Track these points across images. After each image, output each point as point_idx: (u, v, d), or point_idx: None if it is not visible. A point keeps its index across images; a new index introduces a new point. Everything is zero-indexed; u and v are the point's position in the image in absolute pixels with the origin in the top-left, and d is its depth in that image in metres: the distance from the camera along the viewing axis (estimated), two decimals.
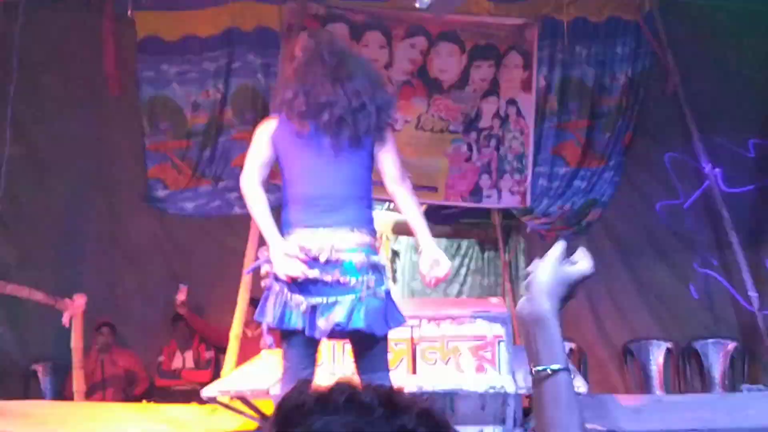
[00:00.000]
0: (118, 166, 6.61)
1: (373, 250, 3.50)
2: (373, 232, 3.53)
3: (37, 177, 6.44)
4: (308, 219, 3.40)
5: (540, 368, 1.36)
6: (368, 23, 6.46)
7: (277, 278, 3.43)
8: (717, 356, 6.40)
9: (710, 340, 6.46)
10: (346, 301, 3.36)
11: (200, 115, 6.48)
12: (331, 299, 3.37)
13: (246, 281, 5.68)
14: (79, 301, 5.63)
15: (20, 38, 5.75)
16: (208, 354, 6.62)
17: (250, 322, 6.16)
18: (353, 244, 3.40)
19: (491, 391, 4.28)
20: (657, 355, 6.53)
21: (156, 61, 6.38)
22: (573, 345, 6.55)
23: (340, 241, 3.39)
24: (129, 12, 5.31)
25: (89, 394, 6.00)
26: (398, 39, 6.47)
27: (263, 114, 5.34)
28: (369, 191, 3.58)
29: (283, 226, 3.48)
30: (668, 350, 6.53)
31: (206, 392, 4.51)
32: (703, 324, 6.52)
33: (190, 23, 6.37)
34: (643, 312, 6.58)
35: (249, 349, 5.82)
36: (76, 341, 5.67)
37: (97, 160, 6.56)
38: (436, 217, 8.17)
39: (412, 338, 4.54)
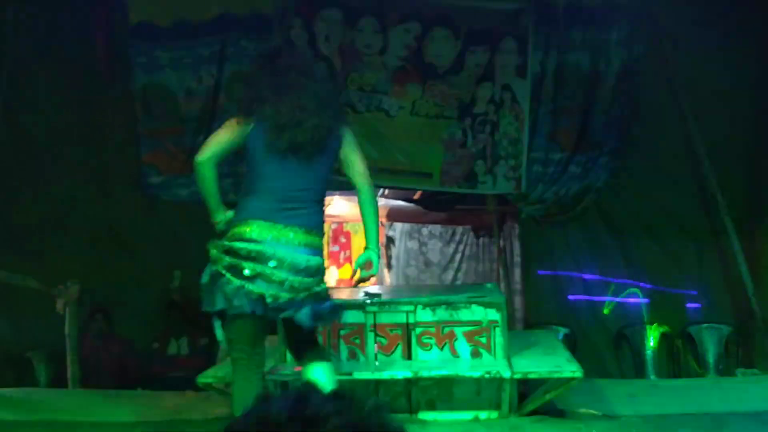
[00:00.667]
0: (112, 152, 6.57)
1: (321, 252, 3.69)
2: (322, 235, 3.71)
3: (30, 163, 6.40)
4: (269, 213, 3.55)
5: None
6: (363, 8, 6.43)
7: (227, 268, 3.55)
8: (711, 341, 6.40)
9: (704, 325, 6.46)
10: (294, 298, 3.54)
11: (194, 101, 6.44)
12: (283, 295, 3.51)
13: None
14: (73, 288, 5.62)
15: (12, 24, 5.70)
16: (203, 341, 6.61)
17: None
18: (305, 245, 3.57)
19: (487, 376, 4.29)
20: (652, 340, 6.53)
21: (149, 46, 6.34)
22: (567, 330, 6.56)
23: (293, 239, 3.55)
24: None
25: (84, 382, 5.99)
26: (393, 24, 6.44)
27: None
28: (324, 193, 3.78)
29: (239, 211, 3.62)
30: (663, 335, 6.53)
31: (201, 379, 4.51)
32: (697, 309, 6.52)
33: (184, 8, 6.32)
34: (637, 297, 6.58)
35: None
36: (70, 328, 5.66)
37: (90, 146, 6.52)
38: (431, 203, 8.18)
39: (407, 323, 4.54)
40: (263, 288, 3.48)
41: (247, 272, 3.47)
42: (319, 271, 3.63)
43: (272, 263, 3.49)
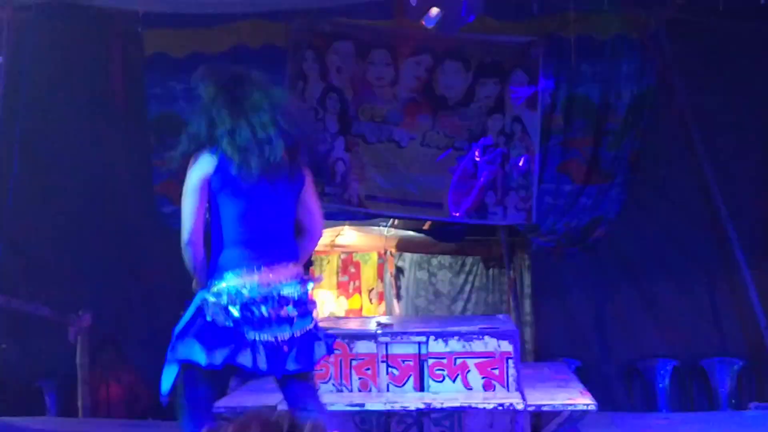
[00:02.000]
0: (126, 182, 6.62)
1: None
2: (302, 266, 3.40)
3: (44, 193, 6.45)
4: (246, 260, 3.19)
5: None
6: (375, 41, 6.50)
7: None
8: (724, 375, 6.36)
9: (717, 359, 6.42)
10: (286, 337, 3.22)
11: None
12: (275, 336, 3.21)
13: None
14: (86, 317, 5.64)
15: (29, 56, 5.77)
16: None
17: None
18: (293, 278, 3.26)
19: (500, 408, 4.27)
20: (663, 374, 6.50)
21: (164, 78, 6.40)
22: (578, 362, 6.53)
23: (279, 277, 3.23)
24: (139, 29, 5.33)
25: (94, 411, 5.98)
26: (404, 56, 6.50)
27: None
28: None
29: (214, 271, 3.23)
30: (675, 368, 6.49)
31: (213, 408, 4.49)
32: (710, 342, 6.49)
33: (198, 41, 6.39)
34: (649, 330, 6.56)
35: None
36: (81, 357, 5.66)
37: (104, 176, 6.57)
38: (440, 234, 8.20)
39: (419, 354, 4.53)
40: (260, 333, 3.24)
41: None
42: (313, 302, 3.35)
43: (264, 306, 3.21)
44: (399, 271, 9.64)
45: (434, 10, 5.34)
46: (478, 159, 6.55)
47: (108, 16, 6.12)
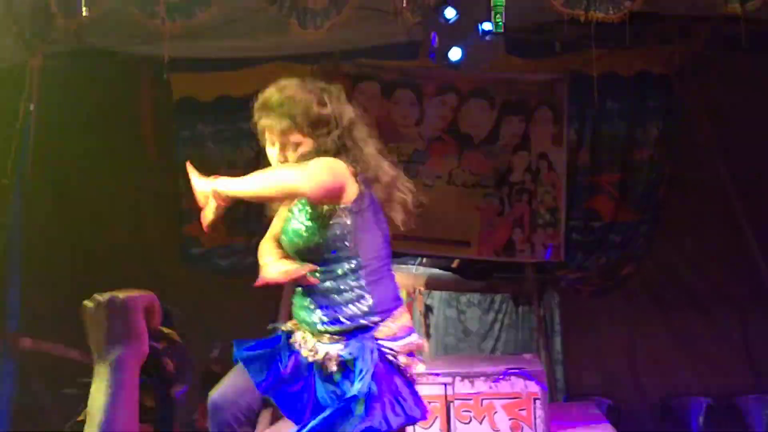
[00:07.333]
0: (154, 224, 6.70)
1: None
2: None
3: (73, 237, 6.53)
4: None
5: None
6: (399, 81, 6.55)
7: None
8: (759, 412, 6.24)
9: (752, 396, 6.30)
10: None
11: (234, 173, 6.53)
12: None
13: None
14: None
15: (59, 103, 5.89)
16: None
17: None
18: None
19: None
20: (697, 412, 6.38)
21: (192, 121, 6.52)
22: (610, 401, 6.43)
23: None
24: (165, 76, 5.43)
25: None
26: (429, 96, 6.55)
27: None
28: None
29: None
30: (709, 406, 6.38)
31: None
32: (744, 379, 6.37)
33: (225, 84, 6.49)
34: (682, 367, 6.47)
35: None
36: None
37: (133, 219, 6.65)
38: (469, 271, 8.15)
39: (446, 396, 4.50)
40: None
41: None
42: None
43: None
44: (428, 309, 9.57)
45: (456, 51, 5.37)
46: (504, 196, 6.54)
47: (135, 62, 6.24)
